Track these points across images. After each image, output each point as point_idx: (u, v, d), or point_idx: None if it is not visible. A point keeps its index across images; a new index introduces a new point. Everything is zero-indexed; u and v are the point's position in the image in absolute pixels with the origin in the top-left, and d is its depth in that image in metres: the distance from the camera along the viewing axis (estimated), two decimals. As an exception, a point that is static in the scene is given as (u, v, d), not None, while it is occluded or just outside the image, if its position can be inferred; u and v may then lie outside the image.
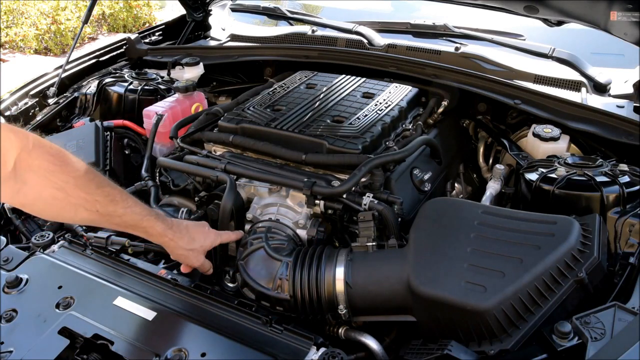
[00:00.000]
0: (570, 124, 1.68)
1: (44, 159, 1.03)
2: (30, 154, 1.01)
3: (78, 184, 1.07)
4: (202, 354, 1.07)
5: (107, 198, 1.12)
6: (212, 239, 1.32)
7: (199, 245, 1.29)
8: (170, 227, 1.24)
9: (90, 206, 1.10)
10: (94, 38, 7.62)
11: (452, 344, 1.04)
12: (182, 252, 1.27)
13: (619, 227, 1.32)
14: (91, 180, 1.10)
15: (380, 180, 1.41)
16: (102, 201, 1.11)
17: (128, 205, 1.16)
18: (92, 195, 1.09)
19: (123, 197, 1.16)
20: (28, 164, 1.01)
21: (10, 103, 2.03)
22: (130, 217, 1.17)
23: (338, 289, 1.20)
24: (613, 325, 0.98)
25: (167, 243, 1.25)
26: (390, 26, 2.45)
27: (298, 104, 1.72)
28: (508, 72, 2.00)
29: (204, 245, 1.30)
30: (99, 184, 1.12)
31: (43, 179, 1.03)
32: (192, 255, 1.29)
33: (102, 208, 1.12)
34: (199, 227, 1.31)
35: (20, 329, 1.15)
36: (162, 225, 1.22)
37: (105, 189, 1.13)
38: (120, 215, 1.15)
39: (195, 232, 1.29)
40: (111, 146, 1.80)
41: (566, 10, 1.66)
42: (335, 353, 1.06)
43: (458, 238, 1.19)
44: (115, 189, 1.15)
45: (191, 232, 1.28)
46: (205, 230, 1.32)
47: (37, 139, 1.05)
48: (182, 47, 2.48)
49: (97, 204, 1.11)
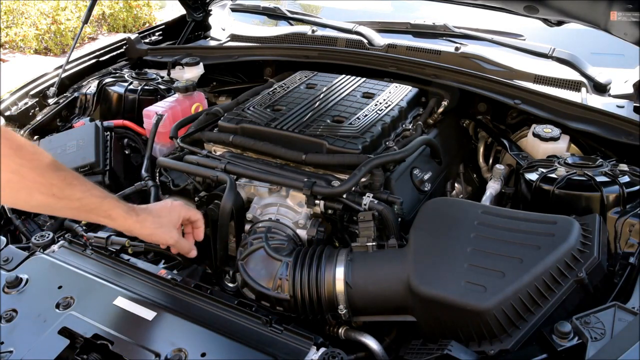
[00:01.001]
0: (570, 124, 1.68)
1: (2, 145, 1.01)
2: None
3: (33, 166, 1.06)
4: (202, 354, 1.07)
5: (64, 181, 1.10)
6: (178, 212, 1.32)
7: (166, 220, 1.28)
8: (133, 209, 1.23)
9: (45, 189, 1.08)
10: (94, 38, 7.62)
11: (452, 344, 1.04)
12: (151, 231, 1.26)
13: (619, 227, 1.32)
14: (47, 165, 1.08)
15: (380, 180, 1.41)
16: (58, 184, 1.09)
17: (87, 189, 1.14)
18: (47, 179, 1.08)
19: (81, 181, 1.14)
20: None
21: (10, 103, 2.03)
22: (89, 200, 1.14)
23: (338, 289, 1.20)
24: (613, 325, 0.98)
25: (133, 225, 1.23)
26: (390, 26, 2.45)
27: (298, 104, 1.72)
28: (508, 72, 2.00)
29: (172, 219, 1.29)
30: (55, 168, 1.10)
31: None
32: (163, 232, 1.27)
33: (58, 191, 1.09)
34: (161, 205, 1.32)
35: (20, 329, 1.15)
36: (124, 207, 1.21)
37: (62, 173, 1.10)
38: (79, 198, 1.13)
39: (159, 209, 1.29)
40: (111, 146, 1.80)
41: (566, 10, 1.66)
42: (335, 353, 1.06)
43: (458, 238, 1.19)
44: (72, 174, 1.13)
45: (155, 210, 1.28)
46: (169, 205, 1.31)
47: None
48: (182, 47, 2.48)
49: (53, 187, 1.08)
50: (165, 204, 1.33)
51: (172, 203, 1.33)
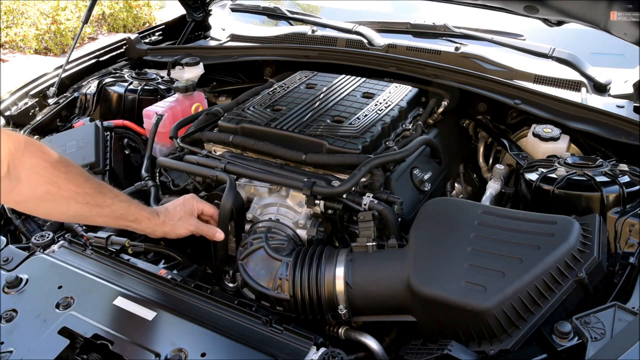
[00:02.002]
0: (570, 124, 1.68)
1: (35, 156, 1.08)
2: (23, 153, 1.06)
3: (68, 177, 1.13)
4: (202, 354, 1.07)
5: (96, 190, 1.18)
6: (191, 203, 1.39)
7: (182, 212, 1.36)
8: (155, 212, 1.32)
9: (81, 199, 1.15)
10: (94, 38, 7.62)
11: (452, 344, 1.04)
12: (172, 227, 1.33)
13: (619, 227, 1.32)
14: (79, 174, 1.16)
15: (380, 180, 1.41)
16: (91, 193, 1.17)
17: (115, 195, 1.23)
18: (82, 188, 1.15)
19: (109, 188, 1.23)
20: (21, 162, 1.06)
21: (10, 103, 2.03)
22: (118, 205, 1.23)
23: (338, 289, 1.20)
24: (613, 325, 0.98)
25: (157, 226, 1.32)
26: (390, 26, 2.45)
27: (298, 104, 1.72)
28: (508, 72, 2.00)
29: (187, 209, 1.37)
30: (86, 177, 1.18)
31: (36, 175, 1.08)
32: (182, 223, 1.35)
33: (92, 200, 1.17)
34: (175, 201, 1.40)
35: (20, 329, 1.15)
36: (148, 210, 1.30)
37: (93, 182, 1.19)
38: (109, 205, 1.21)
39: (173, 206, 1.37)
40: (111, 146, 1.80)
41: (566, 10, 1.66)
42: (335, 353, 1.06)
43: (458, 238, 1.19)
44: (101, 182, 1.22)
45: (171, 208, 1.37)
46: (181, 200, 1.40)
47: (27, 138, 1.10)
48: (182, 47, 2.48)
49: (87, 196, 1.16)
50: (177, 200, 1.40)
51: (184, 197, 1.40)
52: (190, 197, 1.41)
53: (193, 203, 1.40)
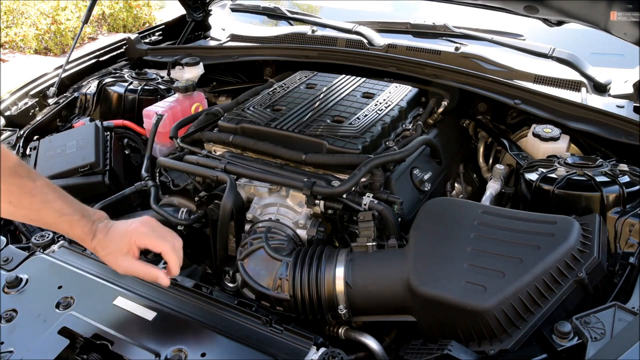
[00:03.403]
0: (570, 124, 1.68)
1: None
2: None
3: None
4: (202, 354, 1.07)
5: (22, 189, 1.05)
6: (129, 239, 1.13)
7: (114, 247, 1.13)
8: (93, 231, 1.12)
9: (3, 197, 1.04)
10: (94, 38, 7.62)
11: (452, 344, 1.04)
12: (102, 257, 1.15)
13: (619, 227, 1.32)
14: (9, 169, 1.04)
15: (380, 180, 1.41)
16: (15, 192, 1.05)
17: (47, 200, 1.08)
18: (5, 185, 1.03)
19: (44, 191, 1.08)
20: None
21: (10, 103, 2.03)
22: (47, 213, 1.09)
23: (338, 288, 1.20)
24: (613, 325, 0.98)
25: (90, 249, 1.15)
26: (390, 26, 2.45)
27: (298, 104, 1.72)
28: (508, 72, 2.00)
29: (120, 246, 1.12)
30: (16, 173, 1.05)
31: None
32: (110, 260, 1.14)
33: (15, 199, 1.05)
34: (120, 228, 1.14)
35: (20, 329, 1.15)
36: (82, 229, 1.12)
37: (22, 180, 1.05)
38: (37, 210, 1.08)
39: (112, 234, 1.13)
40: (111, 146, 1.80)
41: (566, 10, 1.66)
42: (335, 353, 1.06)
43: (458, 238, 1.19)
44: (35, 182, 1.07)
45: (110, 234, 1.13)
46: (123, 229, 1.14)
47: None
48: (182, 47, 2.48)
49: (10, 194, 1.04)
50: (125, 225, 1.15)
51: (131, 227, 1.14)
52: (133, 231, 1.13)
53: (132, 238, 1.12)
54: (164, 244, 1.14)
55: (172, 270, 1.16)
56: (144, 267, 1.14)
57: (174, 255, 1.15)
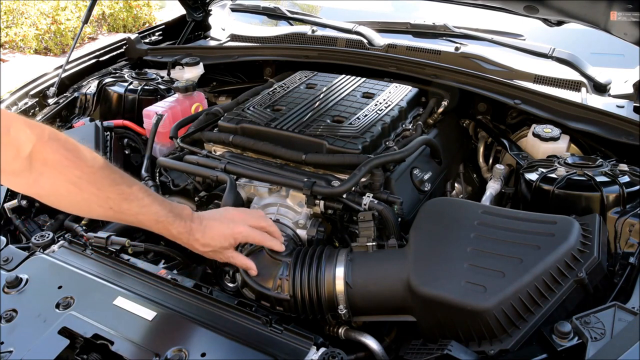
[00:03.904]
0: (570, 124, 1.68)
1: (58, 153, 1.03)
2: (45, 146, 1.01)
3: (91, 179, 1.07)
4: (202, 354, 1.07)
5: (121, 196, 1.11)
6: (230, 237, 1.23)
7: (217, 246, 1.23)
8: (188, 230, 1.20)
9: (103, 203, 1.10)
10: (94, 38, 7.62)
11: (452, 344, 1.04)
12: (200, 252, 1.25)
13: (619, 227, 1.32)
14: (105, 177, 1.09)
15: (380, 180, 1.41)
16: (114, 199, 1.10)
17: (144, 204, 1.14)
18: (104, 192, 1.09)
19: (139, 196, 1.13)
20: (43, 157, 1.02)
21: (10, 103, 2.03)
22: (144, 217, 1.15)
23: (338, 289, 1.20)
24: (613, 325, 0.98)
25: (186, 244, 1.23)
26: (390, 26, 2.45)
27: (298, 104, 1.72)
28: (508, 72, 2.00)
29: (223, 244, 1.23)
30: (113, 181, 1.10)
31: (57, 173, 1.04)
32: (212, 255, 1.25)
33: (115, 205, 1.11)
34: (218, 229, 1.23)
35: (20, 329, 1.15)
36: (178, 229, 1.19)
37: (120, 187, 1.11)
38: (135, 214, 1.14)
39: (211, 234, 1.22)
40: (111, 146, 1.80)
41: (566, 10, 1.66)
42: (335, 353, 1.06)
43: (458, 238, 1.19)
44: (131, 188, 1.13)
45: (207, 234, 1.22)
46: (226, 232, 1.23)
47: (53, 131, 1.05)
48: (182, 47, 2.48)
49: (109, 201, 1.10)
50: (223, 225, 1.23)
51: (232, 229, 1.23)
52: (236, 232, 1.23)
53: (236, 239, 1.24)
54: (264, 239, 1.26)
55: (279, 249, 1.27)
56: (242, 259, 1.26)
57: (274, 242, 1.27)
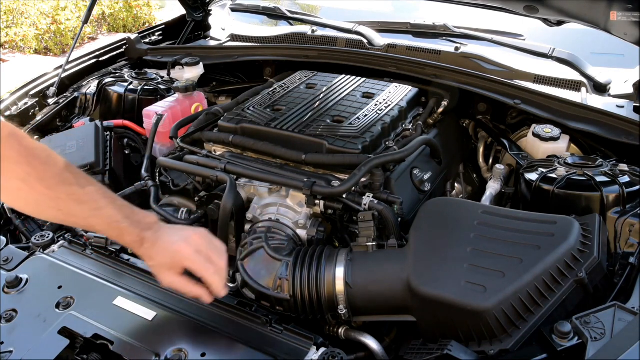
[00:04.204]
0: (570, 124, 1.68)
1: (13, 150, 0.98)
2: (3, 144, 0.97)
3: (40, 177, 1.01)
4: (202, 354, 1.07)
5: (71, 197, 1.04)
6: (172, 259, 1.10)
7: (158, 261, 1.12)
8: (140, 239, 1.10)
9: (53, 204, 1.03)
10: (94, 38, 7.62)
11: (452, 344, 1.04)
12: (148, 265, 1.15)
13: (619, 227, 1.32)
14: (56, 175, 1.03)
15: (380, 180, 1.41)
16: (64, 199, 1.03)
17: (97, 207, 1.06)
18: (53, 192, 1.02)
19: (94, 197, 1.06)
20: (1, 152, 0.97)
21: (10, 103, 2.03)
22: (96, 220, 1.07)
23: (338, 289, 1.20)
24: (613, 325, 0.98)
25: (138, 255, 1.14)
26: (390, 26, 2.45)
27: (298, 104, 1.72)
28: (508, 72, 2.00)
29: (166, 262, 1.11)
30: (64, 180, 1.03)
31: (8, 170, 0.98)
32: (155, 271, 1.14)
33: (65, 207, 1.04)
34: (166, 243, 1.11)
35: (20, 329, 1.15)
36: (131, 237, 1.10)
37: (71, 188, 1.04)
38: (86, 217, 1.06)
39: (158, 247, 1.11)
40: (111, 146, 1.80)
41: (566, 10, 1.66)
42: (335, 353, 1.06)
43: (458, 238, 1.19)
44: (84, 189, 1.05)
45: (156, 246, 1.11)
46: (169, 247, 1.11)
47: (13, 129, 1.00)
48: (182, 47, 2.48)
49: (59, 201, 1.03)
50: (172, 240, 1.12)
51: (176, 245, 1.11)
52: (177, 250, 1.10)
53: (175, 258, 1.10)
54: (205, 269, 1.11)
55: (217, 293, 1.14)
56: (186, 285, 1.13)
57: (216, 279, 1.12)
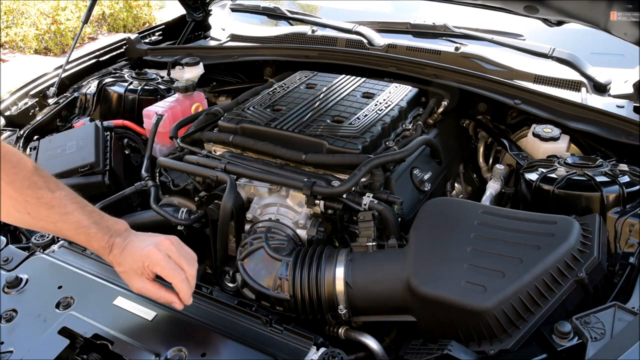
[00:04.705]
0: (570, 124, 1.68)
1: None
2: None
3: (8, 180, 1.00)
4: (202, 354, 1.07)
5: (40, 201, 1.03)
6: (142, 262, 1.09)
7: (127, 267, 1.10)
8: (109, 245, 1.10)
9: (20, 207, 1.03)
10: (94, 38, 7.62)
11: (452, 344, 1.04)
12: (118, 272, 1.13)
13: (619, 227, 1.32)
14: (25, 179, 1.02)
15: (380, 180, 1.41)
16: (33, 203, 1.03)
17: (65, 212, 1.06)
18: (22, 195, 1.02)
19: (63, 202, 1.05)
20: None
21: (10, 103, 2.03)
22: (64, 225, 1.06)
23: (338, 288, 1.20)
24: (613, 325, 0.98)
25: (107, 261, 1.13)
26: (390, 26, 2.45)
27: (298, 104, 1.72)
28: (508, 72, 2.00)
29: (133, 266, 1.10)
30: (33, 184, 1.03)
31: None
32: (125, 277, 1.13)
33: (33, 211, 1.03)
34: (135, 248, 1.10)
35: (20, 329, 1.15)
36: (99, 242, 1.10)
37: (40, 192, 1.03)
38: (54, 222, 1.06)
39: (127, 253, 1.10)
40: (111, 146, 1.80)
41: (566, 10, 1.66)
42: (335, 353, 1.06)
43: (458, 238, 1.19)
44: (54, 193, 1.05)
45: (125, 251, 1.10)
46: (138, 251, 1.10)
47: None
48: (182, 47, 2.48)
49: (27, 205, 1.02)
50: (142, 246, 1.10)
51: (146, 250, 1.09)
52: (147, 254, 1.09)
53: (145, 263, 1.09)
54: (175, 276, 1.10)
55: (184, 300, 1.12)
56: (157, 291, 1.12)
57: (185, 286, 1.11)
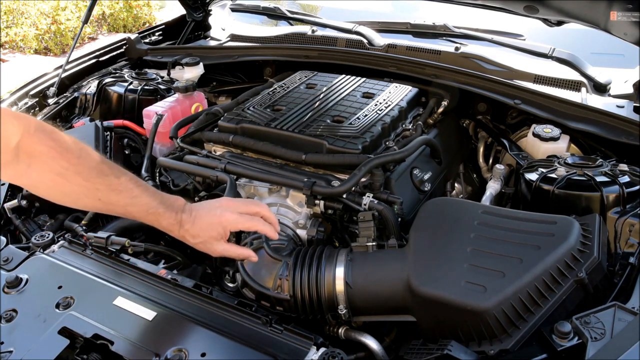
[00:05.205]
0: (570, 124, 1.68)
1: (44, 144, 1.04)
2: (31, 138, 1.02)
3: (77, 170, 1.07)
4: (202, 354, 1.07)
5: (109, 187, 1.11)
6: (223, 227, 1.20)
7: (206, 236, 1.20)
8: (178, 221, 1.19)
9: (90, 194, 1.10)
10: (94, 38, 7.62)
11: (452, 344, 1.04)
12: (192, 244, 1.23)
13: (619, 227, 1.32)
14: (92, 168, 1.09)
15: (380, 180, 1.41)
16: (103, 190, 1.10)
17: (133, 195, 1.14)
18: (92, 183, 1.09)
19: (129, 186, 1.13)
20: (30, 149, 1.03)
21: (10, 103, 2.03)
22: (134, 208, 1.15)
23: (338, 289, 1.20)
24: (613, 325, 0.98)
25: (177, 236, 1.22)
26: (390, 26, 2.45)
27: (298, 104, 1.72)
28: (508, 72, 2.00)
29: (213, 235, 1.20)
30: (100, 172, 1.10)
31: (43, 164, 1.04)
32: (203, 247, 1.23)
33: (103, 197, 1.11)
34: (206, 218, 1.21)
35: (20, 329, 1.15)
36: (168, 220, 1.18)
37: (108, 178, 1.11)
38: (124, 205, 1.14)
39: (200, 224, 1.20)
40: (111, 146, 1.80)
41: (566, 10, 1.66)
42: (335, 353, 1.06)
43: (458, 238, 1.19)
44: (119, 179, 1.12)
45: (197, 224, 1.20)
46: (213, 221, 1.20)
47: (40, 123, 1.05)
48: (182, 47, 2.48)
49: (97, 192, 1.10)
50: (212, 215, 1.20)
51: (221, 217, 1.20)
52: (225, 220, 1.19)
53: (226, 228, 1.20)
54: (256, 224, 1.22)
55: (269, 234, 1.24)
56: (236, 248, 1.24)
57: (268, 227, 1.23)
